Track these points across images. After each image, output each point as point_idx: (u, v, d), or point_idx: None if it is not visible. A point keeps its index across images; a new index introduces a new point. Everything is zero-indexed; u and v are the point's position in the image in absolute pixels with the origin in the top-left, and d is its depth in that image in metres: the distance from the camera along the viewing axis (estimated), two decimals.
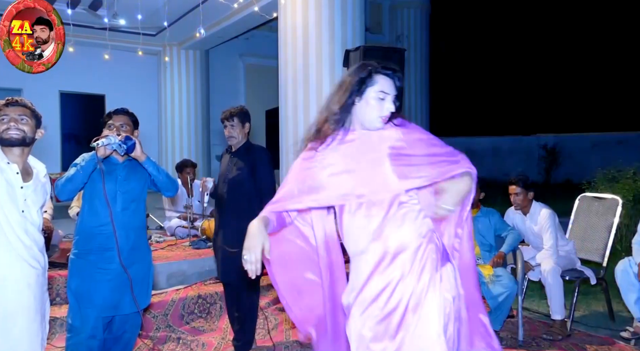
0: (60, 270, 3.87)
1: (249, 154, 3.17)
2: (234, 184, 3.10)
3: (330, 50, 6.64)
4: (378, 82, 1.79)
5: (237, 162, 3.14)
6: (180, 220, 5.50)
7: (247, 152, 3.18)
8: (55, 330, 3.41)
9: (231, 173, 3.13)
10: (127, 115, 2.67)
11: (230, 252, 3.00)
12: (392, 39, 12.84)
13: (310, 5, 6.66)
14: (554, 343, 3.54)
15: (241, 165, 3.12)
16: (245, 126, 3.19)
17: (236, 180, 3.10)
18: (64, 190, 2.44)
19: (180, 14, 8.91)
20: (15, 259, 2.12)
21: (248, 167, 3.12)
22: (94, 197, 2.50)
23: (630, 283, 3.56)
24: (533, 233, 3.96)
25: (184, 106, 11.01)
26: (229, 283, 3.25)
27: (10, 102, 2.21)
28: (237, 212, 3.04)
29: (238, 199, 3.08)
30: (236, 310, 3.27)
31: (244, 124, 3.17)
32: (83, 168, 2.42)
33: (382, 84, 1.79)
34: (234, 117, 3.14)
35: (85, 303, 2.46)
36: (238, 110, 3.19)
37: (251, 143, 3.25)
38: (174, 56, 10.95)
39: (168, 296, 3.87)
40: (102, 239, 2.48)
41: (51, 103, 10.26)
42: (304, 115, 6.75)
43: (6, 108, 2.19)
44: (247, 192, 3.10)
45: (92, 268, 2.48)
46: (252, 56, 12.20)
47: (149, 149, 9.49)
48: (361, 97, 1.79)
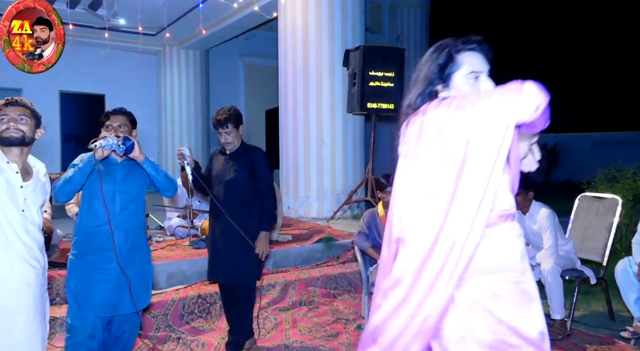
0: (60, 270, 3.87)
1: (246, 156, 3.14)
2: (232, 186, 3.07)
3: (330, 50, 6.64)
4: (464, 62, 1.50)
5: (234, 165, 3.11)
6: (181, 220, 5.49)
7: (244, 153, 3.14)
8: (55, 330, 3.41)
9: (228, 175, 3.09)
10: (125, 115, 2.65)
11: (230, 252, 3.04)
12: (392, 39, 12.83)
13: (310, 5, 6.65)
14: (554, 342, 3.54)
15: (238, 168, 3.09)
16: (240, 129, 3.12)
17: (234, 183, 3.07)
18: (62, 191, 2.44)
19: (180, 14, 8.91)
20: (15, 259, 2.12)
21: (246, 169, 3.09)
22: (92, 197, 2.50)
23: (630, 282, 3.56)
24: (533, 233, 3.96)
25: (183, 106, 11.01)
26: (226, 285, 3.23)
27: (10, 102, 2.22)
28: (236, 214, 3.02)
29: (236, 201, 3.06)
30: (232, 311, 3.25)
31: (238, 127, 3.10)
32: (81, 170, 2.42)
33: (470, 63, 1.50)
34: (227, 124, 3.05)
35: (84, 303, 2.46)
36: (230, 114, 3.06)
37: (246, 144, 3.21)
38: (173, 56, 10.96)
39: (168, 296, 3.87)
40: (101, 239, 2.48)
41: (51, 103, 10.26)
42: (303, 114, 6.75)
43: (6, 108, 2.19)
44: (245, 194, 3.09)
45: (91, 268, 2.48)
46: (252, 56, 12.20)
47: (148, 149, 9.52)
48: (448, 86, 1.52)
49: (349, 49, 6.41)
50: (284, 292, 4.29)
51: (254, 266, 3.16)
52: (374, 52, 6.19)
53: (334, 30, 6.67)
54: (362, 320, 3.84)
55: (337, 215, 6.37)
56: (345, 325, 3.86)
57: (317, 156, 6.68)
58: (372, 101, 6.08)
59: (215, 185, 3.16)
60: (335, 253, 5.06)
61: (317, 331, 3.76)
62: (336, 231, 5.57)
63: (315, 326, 3.85)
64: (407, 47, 11.94)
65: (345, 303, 4.35)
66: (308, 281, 4.47)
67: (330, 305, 4.29)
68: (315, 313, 4.13)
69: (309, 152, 6.71)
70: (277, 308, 4.11)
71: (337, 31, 6.68)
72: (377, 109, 6.12)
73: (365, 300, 3.72)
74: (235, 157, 3.14)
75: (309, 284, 4.46)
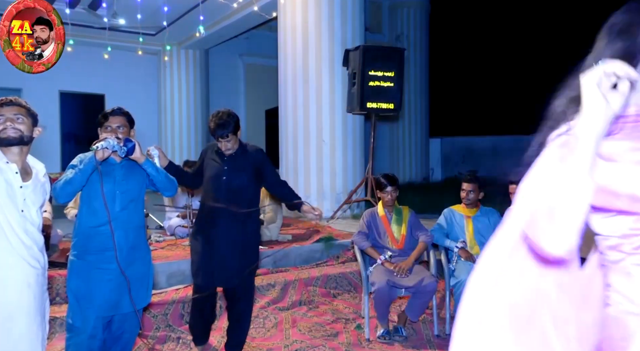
0: (60, 269, 3.87)
1: (246, 157, 3.09)
2: (236, 189, 3.02)
3: (330, 50, 6.65)
4: None
5: (235, 167, 3.05)
6: (180, 220, 5.50)
7: (243, 154, 3.10)
8: (55, 330, 3.41)
9: (230, 178, 3.03)
10: (124, 116, 2.64)
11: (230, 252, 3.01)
12: (391, 39, 12.84)
13: (309, 4, 6.66)
14: None
15: (240, 170, 3.05)
16: (238, 134, 3.06)
17: (238, 186, 3.03)
18: (63, 192, 2.44)
19: (180, 14, 8.91)
20: (15, 259, 2.12)
21: (248, 170, 3.06)
22: (92, 197, 2.50)
23: None
24: None
25: (183, 106, 11.02)
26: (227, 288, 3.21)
27: (5, 102, 2.21)
28: (237, 216, 2.99)
29: (238, 204, 3.01)
30: (232, 311, 3.24)
31: (237, 133, 3.04)
32: (82, 171, 2.42)
33: None
34: (228, 133, 2.97)
35: (85, 303, 2.47)
36: (228, 122, 2.96)
37: (244, 144, 3.16)
38: (173, 56, 10.96)
39: (168, 296, 3.87)
40: (101, 239, 2.48)
41: (51, 103, 10.26)
42: (303, 114, 6.76)
43: (1, 109, 2.19)
44: (247, 196, 3.07)
45: (92, 268, 2.49)
46: (251, 56, 12.20)
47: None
48: None
49: (349, 49, 6.42)
50: (283, 292, 4.29)
51: (255, 267, 3.18)
52: (374, 52, 6.19)
53: (334, 30, 6.67)
54: (362, 319, 3.84)
55: (337, 215, 6.37)
56: (345, 324, 3.87)
57: (317, 156, 6.68)
58: (372, 101, 6.08)
59: (211, 188, 3.09)
60: (335, 253, 5.06)
61: (317, 330, 3.77)
62: (336, 231, 5.58)
63: (315, 325, 3.86)
64: (407, 46, 11.95)
65: (345, 302, 4.35)
66: (308, 281, 4.47)
67: (330, 304, 4.29)
68: (315, 312, 4.13)
69: (309, 151, 6.72)
70: (276, 307, 4.12)
71: (337, 31, 6.68)
72: (377, 109, 6.12)
73: (365, 299, 3.72)
74: (234, 158, 3.08)
75: (309, 284, 4.46)
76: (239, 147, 3.11)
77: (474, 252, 3.72)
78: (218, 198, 3.04)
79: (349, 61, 6.35)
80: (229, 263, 3.02)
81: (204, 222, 3.13)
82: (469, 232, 3.80)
